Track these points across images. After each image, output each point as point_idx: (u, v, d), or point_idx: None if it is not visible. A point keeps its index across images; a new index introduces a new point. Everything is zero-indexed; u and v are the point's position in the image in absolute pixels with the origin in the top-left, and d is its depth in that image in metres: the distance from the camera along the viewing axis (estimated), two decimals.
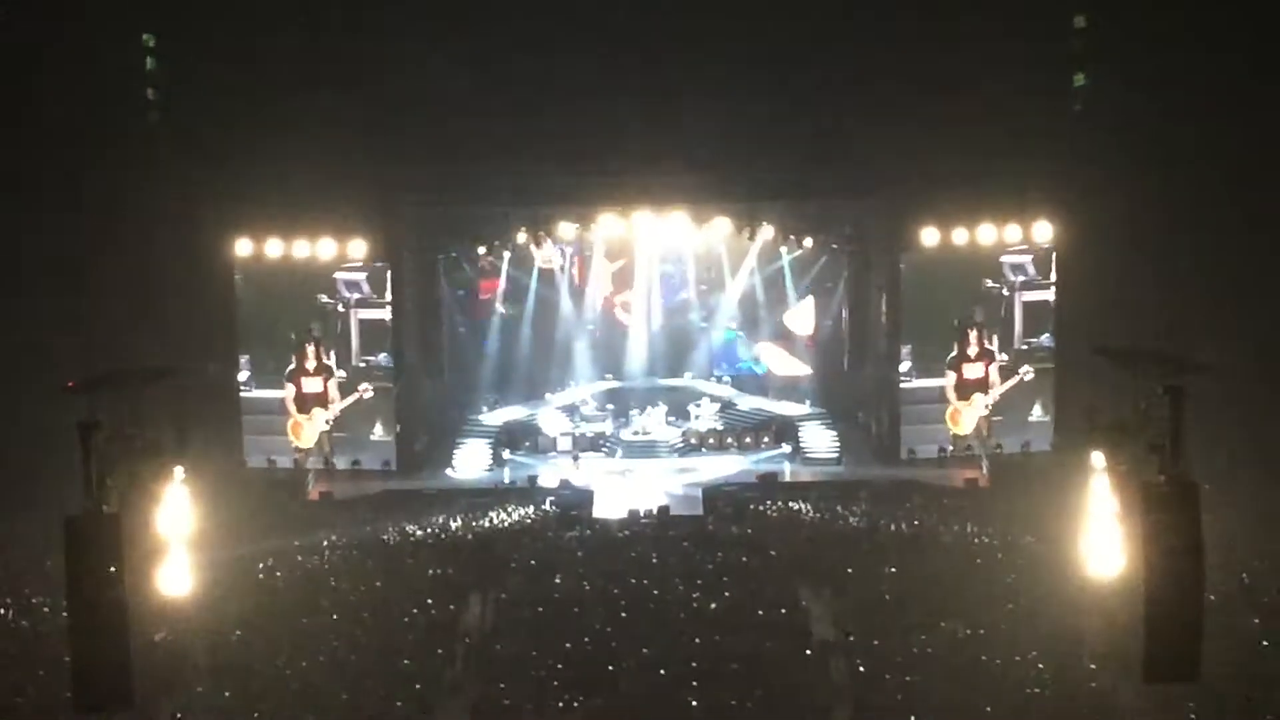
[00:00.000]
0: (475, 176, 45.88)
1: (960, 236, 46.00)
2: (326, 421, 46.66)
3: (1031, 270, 46.43)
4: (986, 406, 46.97)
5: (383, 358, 46.50)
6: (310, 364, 46.59)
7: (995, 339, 46.88)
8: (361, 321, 46.54)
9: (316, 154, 43.33)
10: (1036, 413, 47.17)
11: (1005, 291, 46.58)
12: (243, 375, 46.51)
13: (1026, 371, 46.99)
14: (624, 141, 44.98)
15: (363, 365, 46.56)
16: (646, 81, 44.78)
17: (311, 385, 46.68)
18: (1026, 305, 46.99)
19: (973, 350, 46.88)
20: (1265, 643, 26.69)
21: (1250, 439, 40.10)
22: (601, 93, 44.83)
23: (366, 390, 46.45)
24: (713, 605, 30.68)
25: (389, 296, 46.39)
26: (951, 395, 47.09)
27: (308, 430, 46.64)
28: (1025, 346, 47.14)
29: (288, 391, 46.62)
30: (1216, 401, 26.40)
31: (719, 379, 52.27)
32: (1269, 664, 25.48)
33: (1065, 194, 44.93)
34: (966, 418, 47.03)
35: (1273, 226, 44.04)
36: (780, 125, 45.47)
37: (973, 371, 47.01)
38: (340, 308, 46.45)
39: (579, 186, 46.71)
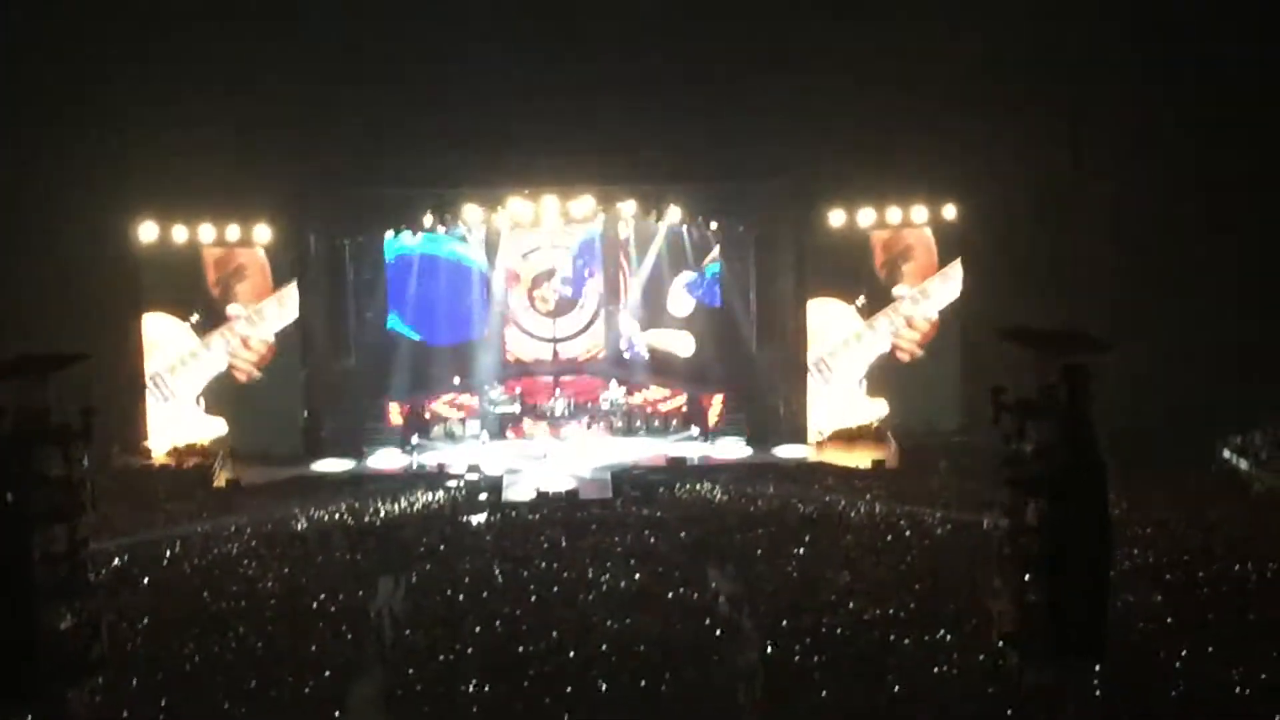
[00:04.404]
0: (381, 160, 45.65)
1: (867, 217, 46.35)
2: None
3: None
4: None
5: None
6: None
7: None
8: None
9: (221, 140, 43.16)
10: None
11: None
12: None
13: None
14: (532, 124, 44.87)
15: None
16: (554, 65, 44.73)
17: None
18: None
19: None
20: (1170, 619, 27.05)
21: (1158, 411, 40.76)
22: (509, 76, 44.67)
23: None
24: (622, 586, 30.75)
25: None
26: None
27: None
28: None
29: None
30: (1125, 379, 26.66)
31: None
32: (1172, 640, 25.79)
33: (970, 175, 45.21)
34: None
35: (1182, 204, 44.57)
36: (689, 109, 45.43)
37: None
38: None
39: (486, 169, 46.46)
